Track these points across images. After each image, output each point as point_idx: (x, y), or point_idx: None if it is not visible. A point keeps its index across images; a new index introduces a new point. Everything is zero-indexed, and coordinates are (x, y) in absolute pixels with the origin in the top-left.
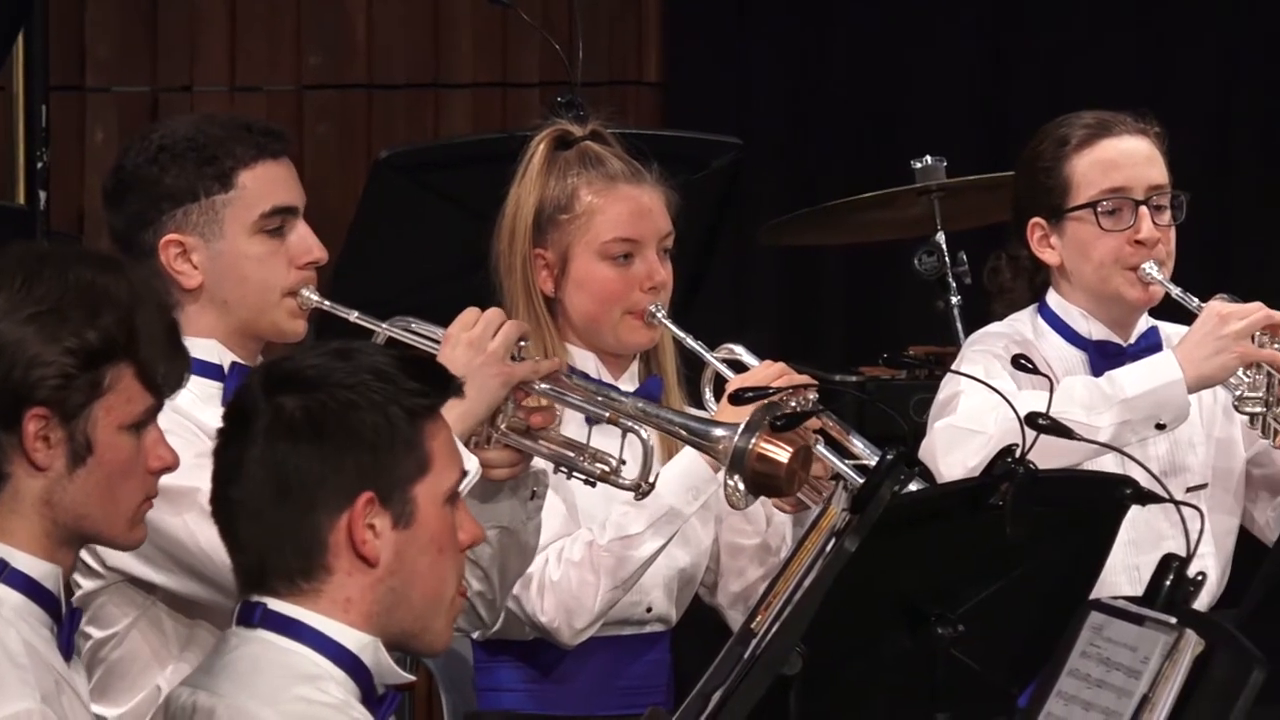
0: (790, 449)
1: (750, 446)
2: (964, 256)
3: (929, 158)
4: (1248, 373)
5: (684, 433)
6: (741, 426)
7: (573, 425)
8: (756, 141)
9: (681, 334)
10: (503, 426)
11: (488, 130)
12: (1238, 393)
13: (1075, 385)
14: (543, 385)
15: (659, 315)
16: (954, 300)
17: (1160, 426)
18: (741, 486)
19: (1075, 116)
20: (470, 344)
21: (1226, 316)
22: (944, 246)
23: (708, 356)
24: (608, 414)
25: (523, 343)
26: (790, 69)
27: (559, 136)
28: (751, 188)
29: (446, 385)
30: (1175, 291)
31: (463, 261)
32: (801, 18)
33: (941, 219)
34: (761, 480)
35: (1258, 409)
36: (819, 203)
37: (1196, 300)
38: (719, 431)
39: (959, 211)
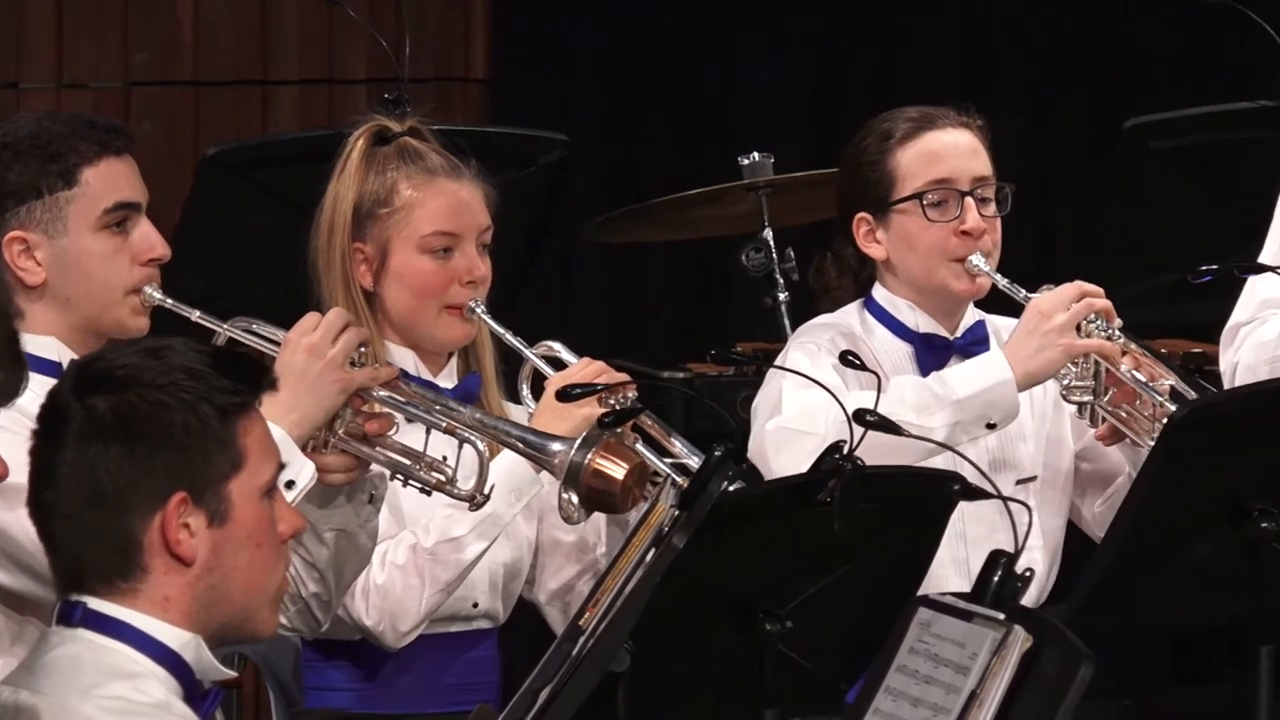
0: (626, 466)
1: (586, 462)
2: (791, 253)
3: (756, 154)
4: (1076, 362)
5: (521, 445)
6: (578, 442)
7: (410, 432)
8: (584, 138)
9: (500, 330)
10: (340, 432)
11: (315, 127)
12: (1065, 382)
13: (905, 387)
14: (381, 392)
15: (478, 310)
16: (781, 297)
17: (991, 426)
18: (576, 500)
19: (899, 111)
20: (309, 349)
21: (1049, 312)
22: (771, 243)
23: (527, 353)
24: (445, 423)
25: (362, 349)
26: (618, 66)
27: (377, 132)
28: (578, 184)
29: (260, 381)
30: (1002, 283)
31: (291, 258)
32: (629, 15)
33: (769, 215)
34: (596, 496)
35: (1085, 398)
36: (646, 199)
37: (1024, 291)
38: (555, 446)
39: (786, 208)
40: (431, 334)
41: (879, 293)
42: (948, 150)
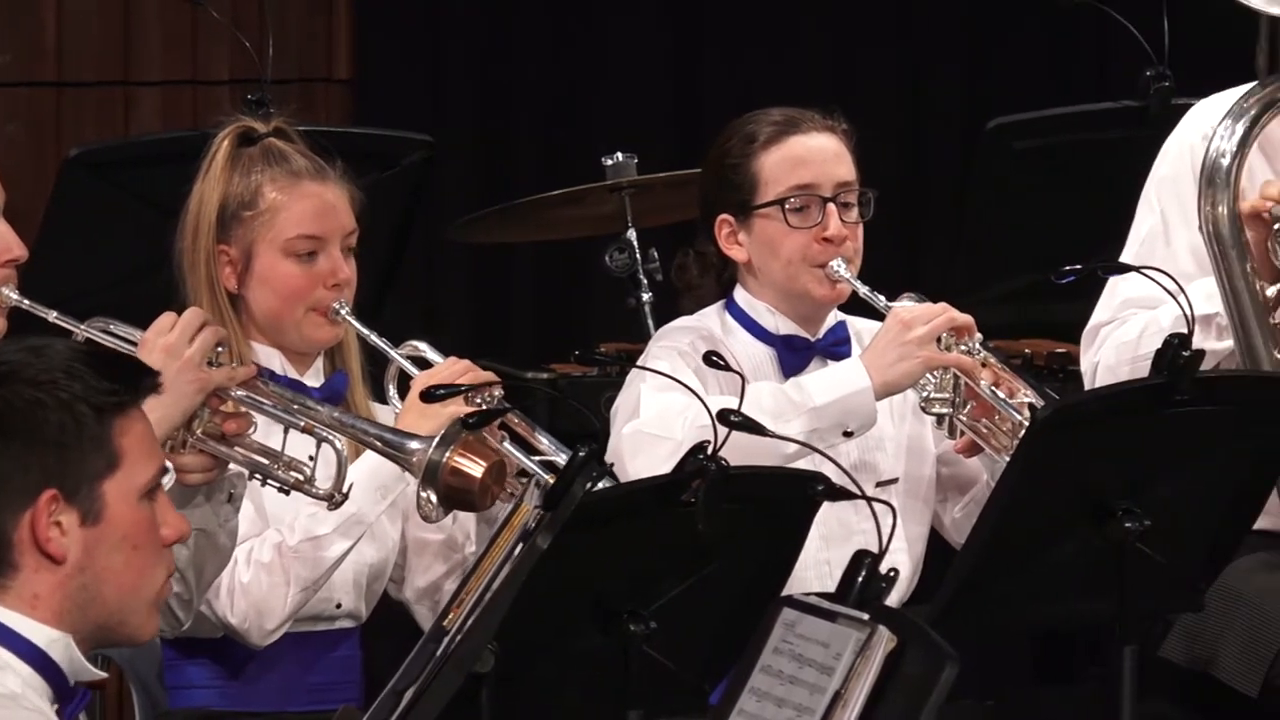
0: (484, 464)
1: (444, 460)
2: (655, 253)
3: (620, 155)
4: (935, 374)
5: (379, 444)
6: (436, 440)
7: (268, 430)
8: (448, 139)
9: (365, 331)
10: (198, 432)
11: (178, 128)
12: (925, 394)
13: (763, 393)
14: (239, 392)
15: (343, 312)
16: (645, 297)
17: (848, 434)
18: (434, 498)
19: (763, 113)
20: (166, 349)
21: (910, 322)
22: (635, 243)
23: (392, 353)
24: (303, 422)
25: (220, 348)
26: (482, 67)
27: (242, 133)
28: (443, 185)
29: (139, 382)
30: (863, 290)
31: (154, 259)
32: (492, 15)
33: (633, 216)
34: (454, 494)
35: (944, 410)
36: (510, 200)
37: (884, 299)
38: (414, 444)
39: (650, 208)
40: (297, 336)
41: (740, 295)
42: (811, 155)
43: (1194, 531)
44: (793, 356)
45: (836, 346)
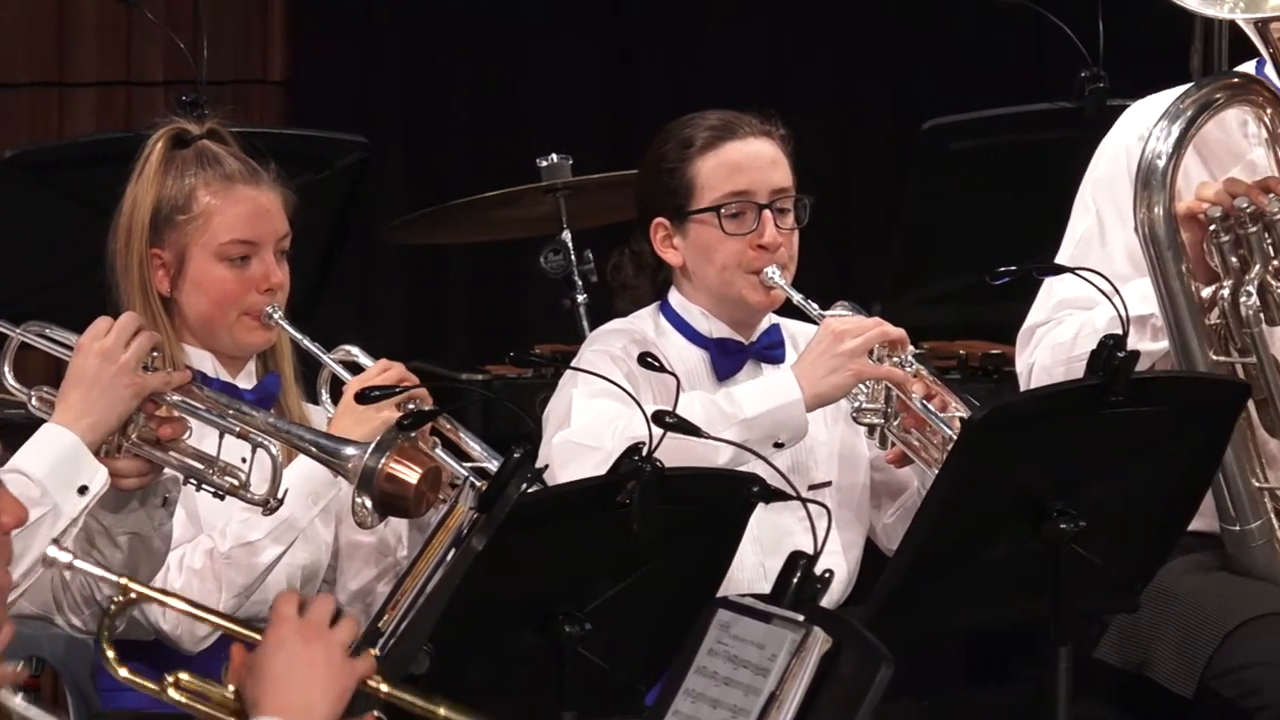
0: (419, 470)
1: (380, 466)
2: (590, 255)
3: (555, 156)
4: (867, 385)
5: (315, 450)
6: (372, 446)
7: (203, 435)
8: (382, 140)
9: (298, 335)
10: (133, 437)
11: (112, 129)
12: (856, 404)
13: (694, 404)
14: (174, 397)
15: (275, 316)
16: (580, 298)
17: (779, 445)
18: (370, 505)
19: (700, 117)
20: (102, 353)
21: (842, 334)
22: (570, 245)
23: (324, 358)
24: (238, 428)
25: (155, 353)
26: (416, 67)
27: (176, 135)
28: (378, 186)
29: None
30: (796, 298)
31: (89, 261)
32: (427, 16)
33: (567, 217)
34: (390, 500)
35: (876, 420)
36: (445, 201)
37: (817, 307)
38: (349, 450)
39: (585, 210)
40: (230, 340)
41: (674, 298)
42: (748, 162)
43: (1129, 533)
44: (726, 360)
45: (770, 350)
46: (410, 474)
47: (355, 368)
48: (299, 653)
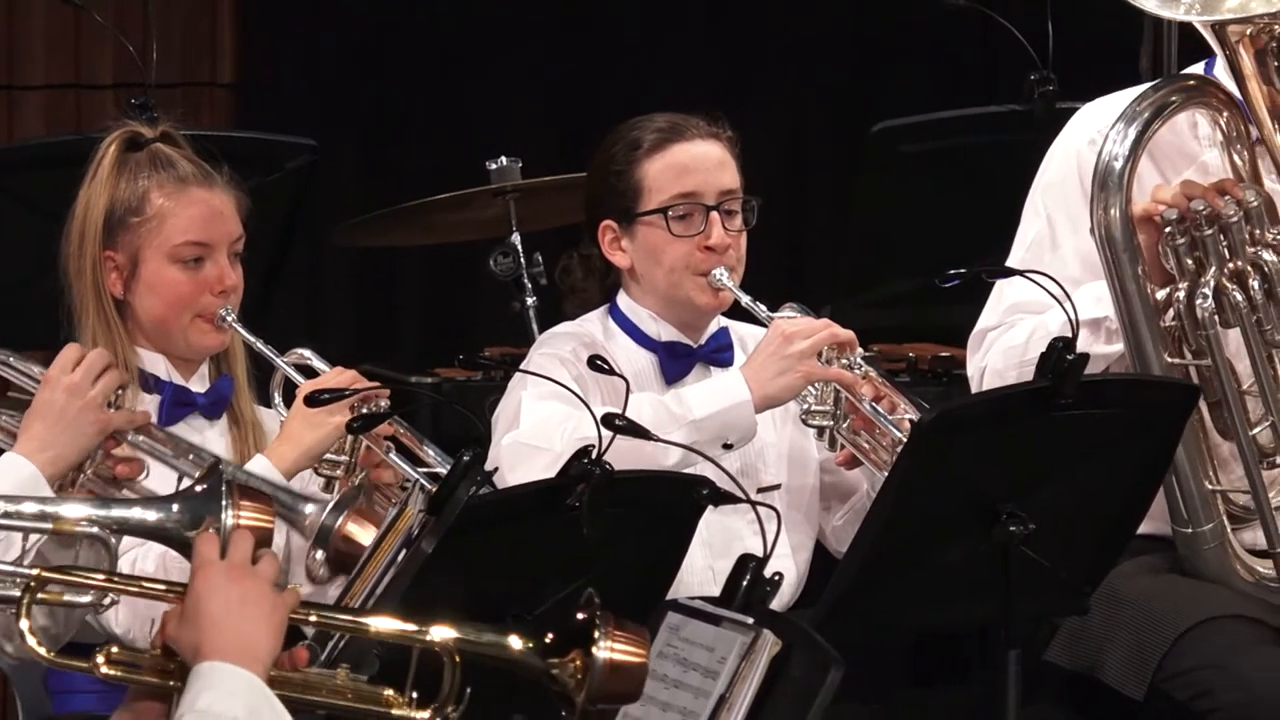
0: (375, 530)
1: (336, 526)
2: (539, 257)
3: (504, 159)
4: (816, 387)
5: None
6: (330, 504)
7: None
8: (332, 142)
9: (251, 338)
10: (89, 473)
11: (61, 132)
12: (805, 406)
13: (643, 404)
14: (136, 436)
15: (229, 319)
16: (530, 301)
17: (728, 446)
18: (321, 558)
19: (648, 119)
20: (70, 389)
21: (791, 336)
22: (519, 247)
23: (278, 361)
24: (197, 473)
25: (120, 391)
26: (365, 70)
27: (130, 138)
28: (328, 189)
29: None
30: (745, 300)
31: (40, 264)
32: (377, 20)
33: (517, 220)
34: (343, 558)
35: (825, 422)
36: (395, 204)
37: (765, 309)
38: (308, 507)
39: (534, 212)
40: (184, 342)
41: (623, 300)
42: (695, 163)
43: (1079, 535)
44: (675, 364)
45: (719, 353)
46: (365, 535)
47: (309, 371)
48: (230, 593)
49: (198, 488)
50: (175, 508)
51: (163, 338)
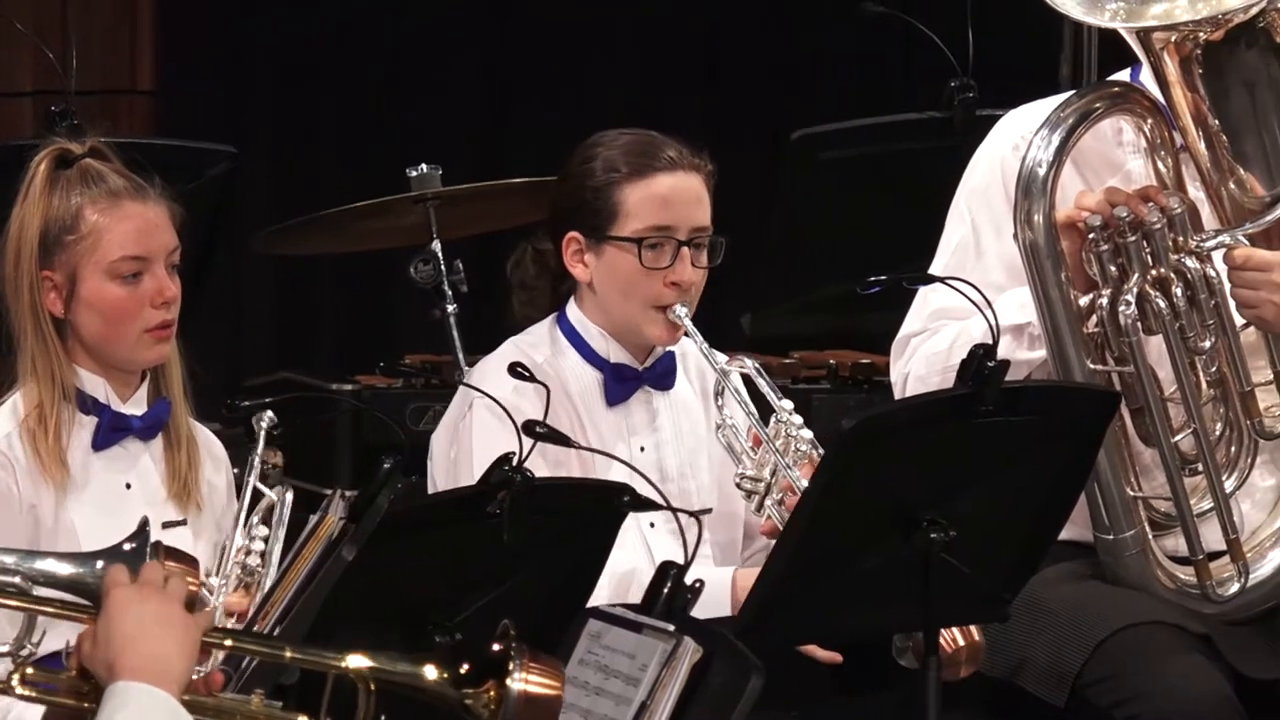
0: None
1: None
2: (460, 265)
3: (424, 166)
4: (753, 454)
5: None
6: None
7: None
8: (251, 149)
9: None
10: None
11: None
12: (740, 470)
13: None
14: None
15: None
16: (450, 309)
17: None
18: None
19: (632, 138)
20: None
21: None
22: (440, 255)
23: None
24: None
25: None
26: (285, 77)
27: (59, 155)
28: (248, 196)
29: None
30: (701, 345)
31: None
32: (298, 26)
33: (437, 227)
34: None
35: (756, 489)
36: (315, 211)
37: (721, 358)
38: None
39: (455, 220)
40: (129, 357)
41: (573, 313)
42: (675, 196)
43: (1000, 542)
44: (619, 386)
45: (663, 378)
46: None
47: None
48: (143, 612)
49: (125, 545)
50: (99, 564)
51: (106, 355)
